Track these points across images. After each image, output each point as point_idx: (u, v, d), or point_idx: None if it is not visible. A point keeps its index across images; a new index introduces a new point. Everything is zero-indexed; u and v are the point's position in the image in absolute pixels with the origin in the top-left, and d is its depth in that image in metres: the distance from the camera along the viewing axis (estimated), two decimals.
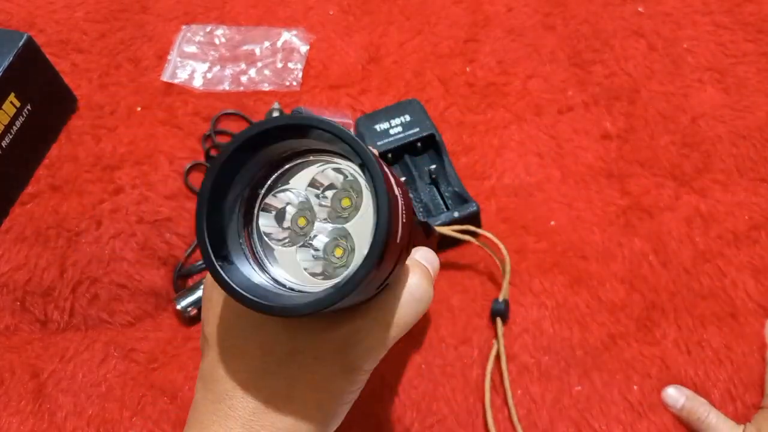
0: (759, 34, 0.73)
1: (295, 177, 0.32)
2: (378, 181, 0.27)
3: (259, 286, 0.29)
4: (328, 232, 0.31)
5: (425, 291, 0.33)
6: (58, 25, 0.77)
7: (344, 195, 0.31)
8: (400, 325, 0.32)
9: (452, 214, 0.59)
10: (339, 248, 0.31)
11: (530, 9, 0.77)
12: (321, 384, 0.31)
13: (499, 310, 0.57)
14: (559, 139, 0.67)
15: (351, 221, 0.31)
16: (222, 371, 0.32)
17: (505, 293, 0.57)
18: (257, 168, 0.31)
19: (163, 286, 0.61)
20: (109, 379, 0.57)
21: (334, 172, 0.31)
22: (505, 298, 0.57)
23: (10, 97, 0.62)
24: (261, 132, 0.28)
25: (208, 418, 0.31)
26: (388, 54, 0.74)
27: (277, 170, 0.32)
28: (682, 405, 0.53)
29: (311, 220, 0.31)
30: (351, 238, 0.31)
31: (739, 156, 0.65)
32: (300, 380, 0.31)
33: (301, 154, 0.31)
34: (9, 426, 0.55)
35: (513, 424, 0.53)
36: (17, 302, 0.60)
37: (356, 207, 0.31)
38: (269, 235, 0.31)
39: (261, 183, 0.32)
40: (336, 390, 0.32)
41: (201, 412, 0.32)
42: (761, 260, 0.60)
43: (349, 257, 0.31)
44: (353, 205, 0.31)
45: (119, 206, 0.64)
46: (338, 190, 0.31)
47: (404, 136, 0.63)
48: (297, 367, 0.31)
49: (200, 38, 0.76)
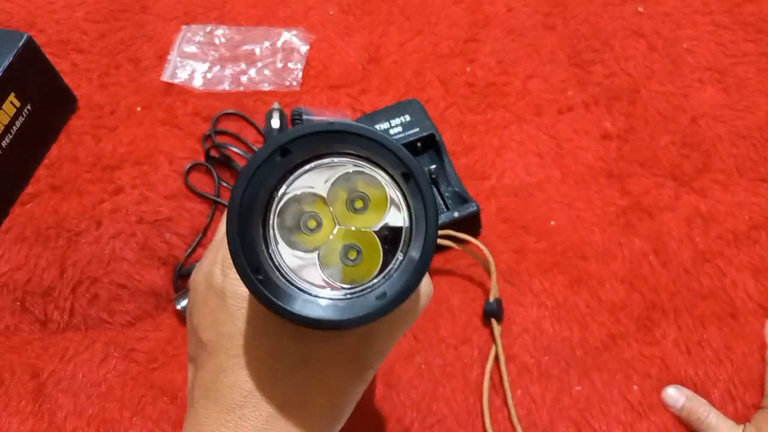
0: (759, 34, 0.73)
1: (315, 177, 0.30)
2: (427, 193, 0.27)
3: (292, 297, 0.28)
4: (343, 236, 0.30)
5: (427, 286, 0.33)
6: (58, 25, 0.77)
7: (358, 196, 0.30)
8: (407, 323, 0.33)
9: (452, 214, 0.59)
10: (353, 251, 0.30)
11: (530, 9, 0.77)
12: (335, 387, 0.31)
13: (492, 311, 0.57)
14: (559, 139, 0.67)
15: (372, 226, 0.30)
16: (229, 380, 0.30)
17: (495, 293, 0.57)
18: (283, 171, 0.29)
19: (163, 286, 0.61)
20: (109, 379, 0.57)
21: (356, 174, 0.30)
22: (496, 297, 0.57)
23: (10, 97, 0.62)
24: (299, 137, 0.28)
25: (215, 430, 0.30)
26: (388, 54, 0.74)
27: (298, 170, 0.30)
28: (682, 405, 0.53)
29: (324, 222, 0.31)
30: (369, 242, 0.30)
31: (739, 156, 0.65)
32: (313, 386, 0.31)
33: (323, 155, 0.30)
34: (9, 426, 0.55)
35: (513, 424, 0.53)
36: (17, 302, 0.60)
37: (368, 208, 0.30)
38: (284, 238, 0.30)
39: (277, 186, 0.30)
40: (349, 391, 0.32)
41: (206, 424, 0.30)
42: (761, 260, 0.60)
43: (363, 261, 0.30)
44: (365, 206, 0.30)
45: (119, 206, 0.64)
46: (356, 191, 0.30)
47: (404, 136, 0.63)
48: (310, 373, 0.31)
49: (200, 38, 0.76)
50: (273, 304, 0.27)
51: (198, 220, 0.64)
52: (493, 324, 0.56)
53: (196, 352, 0.33)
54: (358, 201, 0.30)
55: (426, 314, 0.58)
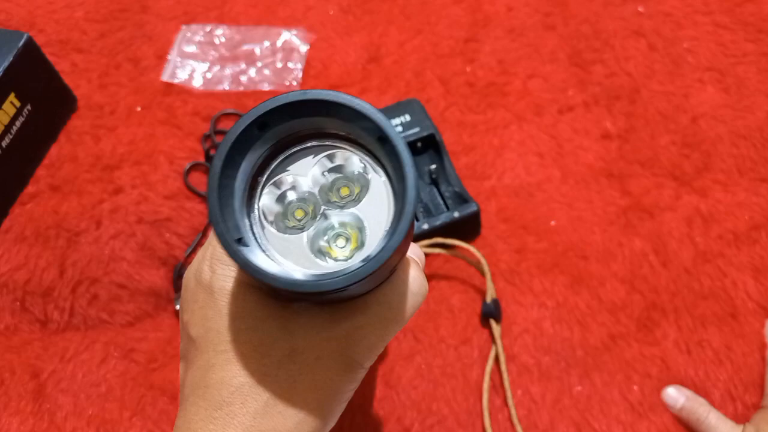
0: (759, 34, 0.73)
1: (298, 163, 0.31)
2: (402, 149, 0.27)
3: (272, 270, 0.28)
4: (330, 219, 0.31)
5: (421, 284, 0.33)
6: (58, 25, 0.77)
7: (344, 184, 0.31)
8: (399, 320, 0.32)
9: (452, 214, 0.59)
10: (341, 237, 0.30)
11: (530, 9, 0.76)
12: (322, 383, 0.31)
13: (490, 312, 0.57)
14: (560, 138, 0.67)
15: (355, 208, 0.30)
16: (217, 377, 0.30)
17: (492, 293, 0.57)
18: (263, 150, 0.30)
19: (163, 286, 0.61)
20: (109, 379, 0.57)
21: (340, 159, 0.31)
22: (493, 298, 0.57)
23: (10, 97, 0.62)
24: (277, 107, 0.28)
25: (204, 427, 0.30)
26: (388, 54, 0.74)
27: (280, 155, 0.31)
28: (681, 405, 0.53)
29: (311, 206, 0.31)
30: (356, 225, 0.30)
31: (740, 156, 0.65)
32: (301, 381, 0.31)
33: (304, 139, 0.31)
34: (9, 426, 0.55)
35: (513, 424, 0.53)
36: (17, 302, 0.60)
37: (355, 199, 0.31)
38: (268, 219, 0.30)
39: (262, 169, 0.30)
40: (337, 388, 0.31)
41: (195, 421, 0.30)
42: (761, 260, 0.60)
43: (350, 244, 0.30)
44: (351, 194, 0.31)
45: (119, 206, 0.64)
46: (340, 177, 0.31)
47: (404, 136, 0.62)
48: (297, 368, 0.31)
49: (200, 38, 0.76)
50: (253, 266, 0.27)
51: (197, 220, 0.64)
52: (492, 324, 0.56)
53: (186, 348, 0.33)
54: (343, 189, 0.31)
55: (426, 314, 0.58)
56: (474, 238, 0.62)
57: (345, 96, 0.28)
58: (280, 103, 0.28)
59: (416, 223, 0.59)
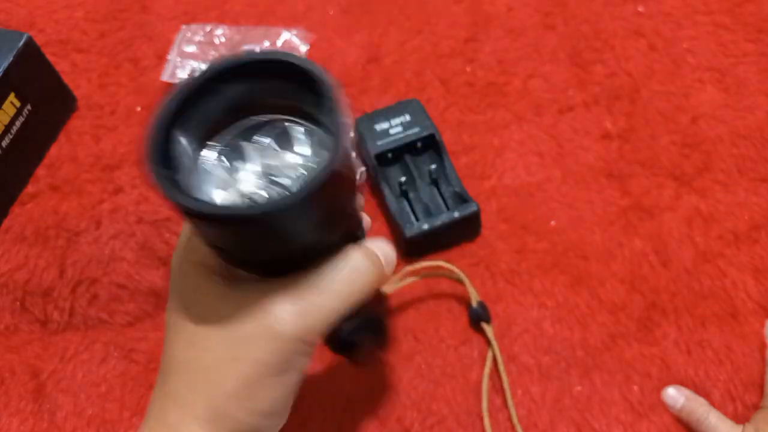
0: (759, 34, 0.73)
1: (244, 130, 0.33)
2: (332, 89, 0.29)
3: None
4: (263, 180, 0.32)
5: (367, 268, 0.34)
6: (58, 25, 0.77)
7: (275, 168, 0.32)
8: (343, 299, 0.33)
9: (452, 214, 0.59)
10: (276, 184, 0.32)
11: (530, 9, 0.76)
12: (259, 358, 0.32)
13: (477, 314, 0.56)
14: (560, 138, 0.67)
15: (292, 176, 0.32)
16: (166, 354, 0.34)
17: (475, 296, 0.57)
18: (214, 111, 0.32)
19: (163, 286, 0.61)
20: (109, 379, 0.57)
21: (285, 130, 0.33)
22: (477, 300, 0.57)
23: (10, 97, 0.62)
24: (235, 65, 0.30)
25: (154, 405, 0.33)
26: (388, 54, 0.74)
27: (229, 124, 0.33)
28: (681, 405, 0.53)
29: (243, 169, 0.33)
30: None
31: (740, 156, 0.65)
32: (237, 355, 0.31)
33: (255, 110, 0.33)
34: (9, 426, 0.55)
35: (513, 424, 0.53)
36: (17, 302, 0.60)
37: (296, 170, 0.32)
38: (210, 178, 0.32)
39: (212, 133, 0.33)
40: (275, 363, 0.32)
41: (153, 399, 0.34)
42: (761, 260, 0.60)
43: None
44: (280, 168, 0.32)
45: (119, 206, 0.64)
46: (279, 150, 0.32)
47: (404, 136, 0.62)
48: (235, 342, 0.32)
49: (200, 38, 0.76)
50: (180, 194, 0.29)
51: None
52: (484, 327, 0.56)
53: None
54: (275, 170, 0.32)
55: (426, 314, 0.58)
56: (474, 238, 0.62)
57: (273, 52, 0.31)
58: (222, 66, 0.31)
59: (417, 222, 0.59)
